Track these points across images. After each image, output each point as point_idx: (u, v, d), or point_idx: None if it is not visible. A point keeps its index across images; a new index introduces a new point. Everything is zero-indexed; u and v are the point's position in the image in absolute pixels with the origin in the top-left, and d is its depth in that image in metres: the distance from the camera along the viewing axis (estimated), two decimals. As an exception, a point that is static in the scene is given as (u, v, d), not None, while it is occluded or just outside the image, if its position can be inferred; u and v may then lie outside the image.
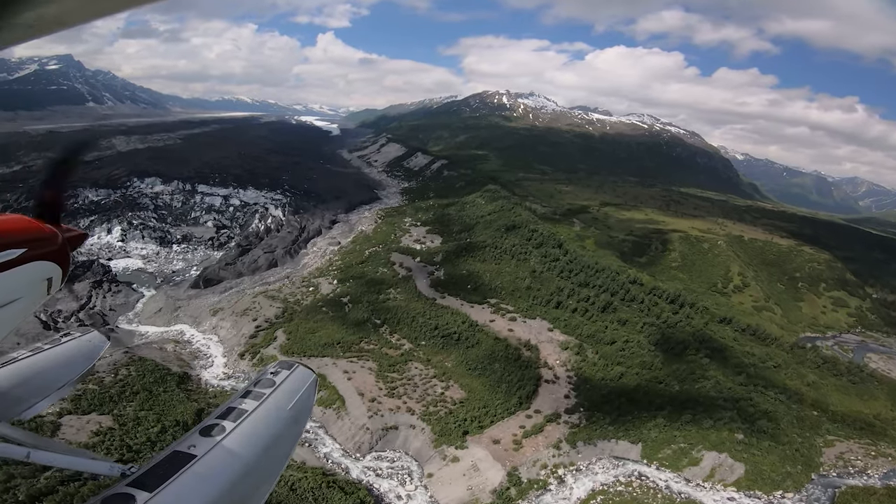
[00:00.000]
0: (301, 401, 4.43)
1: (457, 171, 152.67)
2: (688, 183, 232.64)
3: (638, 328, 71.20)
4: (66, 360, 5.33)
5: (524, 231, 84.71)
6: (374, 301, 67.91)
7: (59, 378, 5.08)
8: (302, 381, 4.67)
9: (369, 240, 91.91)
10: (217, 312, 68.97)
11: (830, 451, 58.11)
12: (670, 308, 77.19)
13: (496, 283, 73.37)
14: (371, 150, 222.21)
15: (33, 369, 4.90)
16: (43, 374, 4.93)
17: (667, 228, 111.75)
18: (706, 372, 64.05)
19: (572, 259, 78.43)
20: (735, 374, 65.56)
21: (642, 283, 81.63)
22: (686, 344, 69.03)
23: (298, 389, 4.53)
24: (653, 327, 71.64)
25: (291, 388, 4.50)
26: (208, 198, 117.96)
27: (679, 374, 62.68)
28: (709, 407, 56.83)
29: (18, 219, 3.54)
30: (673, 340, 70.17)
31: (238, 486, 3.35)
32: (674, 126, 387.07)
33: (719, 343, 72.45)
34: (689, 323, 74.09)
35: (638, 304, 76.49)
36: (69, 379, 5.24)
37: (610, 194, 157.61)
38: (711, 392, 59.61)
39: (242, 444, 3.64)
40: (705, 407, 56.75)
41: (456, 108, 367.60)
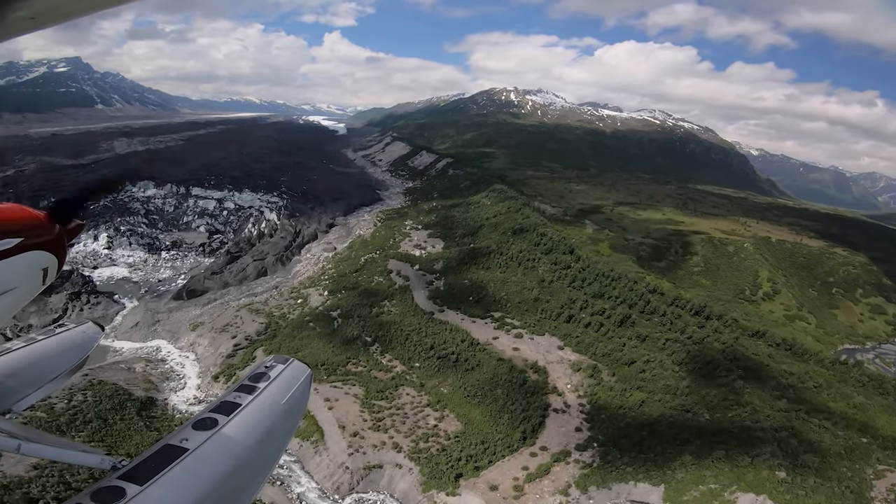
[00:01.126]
0: (295, 395, 4.31)
1: (462, 170, 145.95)
2: (703, 180, 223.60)
3: (660, 345, 64.00)
4: (60, 351, 5.20)
5: (532, 235, 77.76)
6: (366, 315, 61.74)
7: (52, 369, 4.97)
8: (296, 376, 4.53)
9: (366, 245, 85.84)
10: (197, 327, 63.52)
11: (881, 484, 50.39)
12: (695, 321, 69.70)
13: (501, 294, 66.70)
14: (376, 149, 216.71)
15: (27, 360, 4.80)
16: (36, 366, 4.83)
17: (687, 230, 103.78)
18: (740, 397, 56.64)
19: (585, 266, 71.33)
20: (774, 399, 57.98)
21: (663, 293, 74.23)
22: (716, 363, 61.60)
23: (293, 384, 4.39)
24: (677, 344, 64.33)
25: (286, 382, 4.36)
26: (202, 201, 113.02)
27: (709, 400, 55.38)
28: (745, 440, 49.51)
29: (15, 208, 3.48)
30: (700, 359, 62.76)
31: (231, 480, 3.27)
32: (687, 122, 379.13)
33: (753, 361, 64.79)
34: (718, 338, 66.53)
35: (659, 317, 69.18)
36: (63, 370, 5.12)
37: (623, 193, 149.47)
38: (747, 421, 52.21)
39: (236, 437, 3.56)
40: (741, 440, 49.42)
41: (463, 105, 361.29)
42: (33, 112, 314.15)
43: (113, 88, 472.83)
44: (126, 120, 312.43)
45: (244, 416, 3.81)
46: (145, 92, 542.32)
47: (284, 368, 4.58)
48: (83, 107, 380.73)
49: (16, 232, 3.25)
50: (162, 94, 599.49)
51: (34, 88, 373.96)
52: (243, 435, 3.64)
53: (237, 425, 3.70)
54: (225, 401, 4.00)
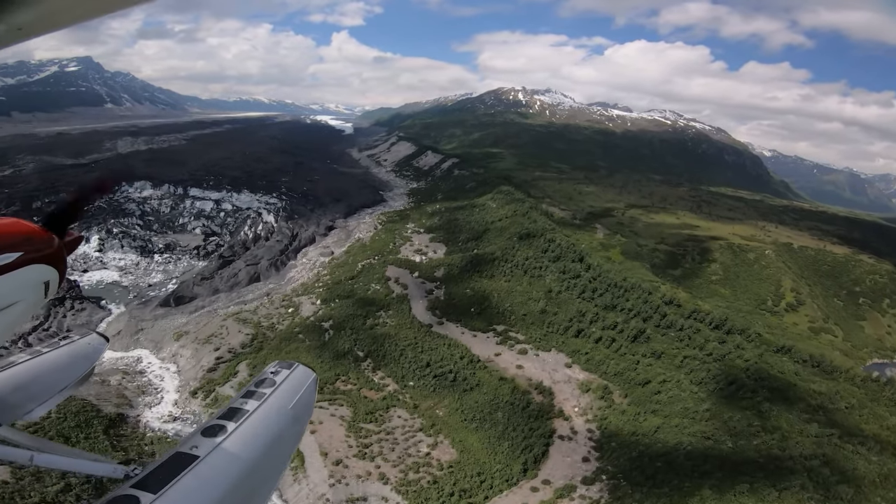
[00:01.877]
0: (302, 400, 4.30)
1: (468, 171, 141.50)
2: (716, 181, 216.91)
3: (677, 363, 59.27)
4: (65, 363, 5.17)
5: (540, 241, 73.13)
6: (359, 327, 57.74)
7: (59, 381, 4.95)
8: (302, 380, 4.51)
9: (365, 249, 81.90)
10: (181, 337, 60.05)
11: (919, 516, 45.77)
12: (716, 336, 64.63)
13: (505, 305, 62.32)
14: (381, 148, 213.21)
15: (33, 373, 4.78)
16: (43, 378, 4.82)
17: (704, 235, 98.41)
18: (767, 421, 51.67)
19: (596, 275, 66.61)
20: (803, 422, 52.80)
21: (680, 304, 69.16)
22: (739, 383, 56.63)
23: (299, 388, 4.38)
24: (695, 361, 59.51)
25: (292, 387, 4.36)
26: (199, 202, 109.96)
27: (732, 425, 50.51)
28: (772, 471, 44.65)
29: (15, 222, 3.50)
30: (722, 379, 57.81)
31: (241, 487, 3.28)
32: (698, 122, 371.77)
33: (780, 381, 59.58)
34: (741, 355, 61.41)
35: (676, 332, 64.35)
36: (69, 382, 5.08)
37: (635, 195, 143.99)
38: (775, 450, 47.26)
39: (244, 444, 3.55)
40: (767, 471, 44.57)
41: (470, 105, 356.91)
42: (43, 111, 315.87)
43: (123, 88, 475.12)
44: (134, 119, 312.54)
45: (252, 422, 3.77)
46: (155, 91, 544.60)
47: (290, 373, 4.51)
48: (93, 106, 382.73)
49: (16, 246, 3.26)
50: (172, 93, 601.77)
51: (45, 88, 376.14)
52: (252, 441, 3.60)
53: (245, 432, 3.65)
54: (232, 407, 3.92)
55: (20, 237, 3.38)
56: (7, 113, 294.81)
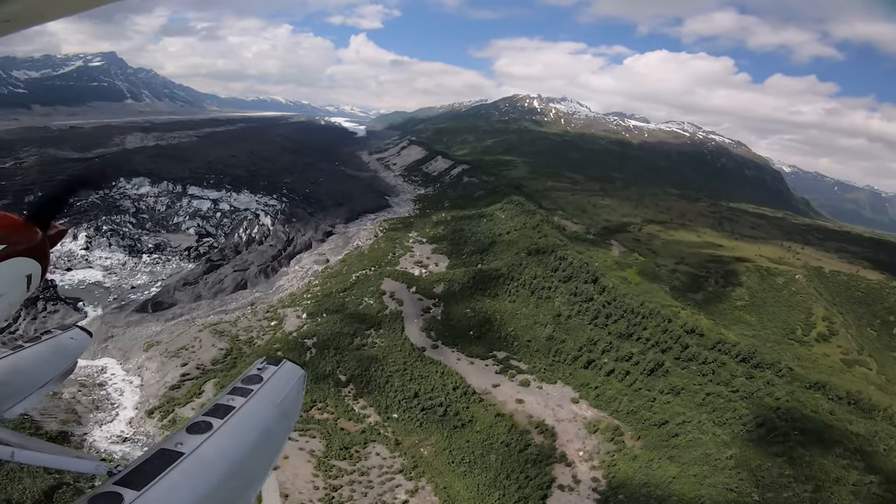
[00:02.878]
0: (289, 397, 4.24)
1: (478, 178, 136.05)
2: (736, 196, 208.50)
3: (699, 400, 52.77)
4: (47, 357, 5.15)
5: (550, 258, 66.98)
6: (345, 347, 52.29)
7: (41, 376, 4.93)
8: (290, 378, 4.43)
9: (362, 259, 76.63)
10: (150, 347, 55.28)
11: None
12: (743, 370, 57.87)
13: (508, 329, 56.40)
14: (391, 152, 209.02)
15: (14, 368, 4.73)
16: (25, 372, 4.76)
17: (728, 255, 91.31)
18: (799, 469, 45.06)
19: (611, 299, 60.30)
20: (841, 469, 46.11)
21: (703, 333, 62.46)
22: (769, 425, 49.94)
23: (286, 385, 4.31)
24: (720, 399, 52.94)
25: (279, 384, 4.28)
26: (196, 201, 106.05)
27: (761, 475, 44.00)
28: (809, 540, 38.27)
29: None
30: (749, 420, 51.10)
31: (226, 484, 3.22)
32: (717, 134, 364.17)
33: (814, 421, 52.66)
34: (771, 392, 54.57)
35: (698, 365, 57.79)
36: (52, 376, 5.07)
37: (652, 209, 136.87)
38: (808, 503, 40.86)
39: (231, 441, 3.49)
40: (803, 539, 38.22)
41: (484, 111, 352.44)
42: (64, 105, 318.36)
43: (144, 84, 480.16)
44: (151, 115, 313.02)
45: (238, 419, 3.71)
46: (175, 88, 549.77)
47: (277, 370, 4.41)
48: (113, 101, 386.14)
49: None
50: (192, 90, 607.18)
51: (68, 82, 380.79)
52: (238, 438, 3.55)
53: (232, 428, 3.59)
54: (218, 404, 3.85)
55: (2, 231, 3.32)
56: (28, 105, 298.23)
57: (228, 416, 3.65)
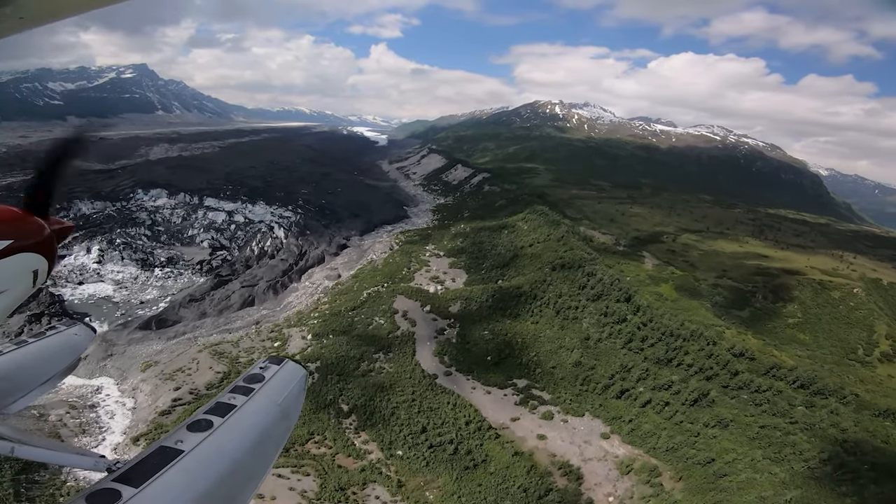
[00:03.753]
0: (291, 396, 4.22)
1: (499, 186, 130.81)
2: (773, 202, 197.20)
3: (751, 434, 46.21)
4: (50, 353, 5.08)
5: (577, 274, 61.13)
6: (350, 373, 47.79)
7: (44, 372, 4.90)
8: (292, 377, 4.40)
9: (375, 274, 72.36)
10: (148, 368, 52.16)
11: None
12: (802, 398, 50.76)
13: (530, 354, 50.88)
14: (411, 161, 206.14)
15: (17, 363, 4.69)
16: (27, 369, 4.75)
17: (775, 267, 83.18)
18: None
19: (647, 320, 54.04)
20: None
21: (753, 357, 55.50)
22: (835, 461, 43.08)
23: (288, 385, 4.28)
24: (776, 432, 46.25)
25: (281, 383, 4.26)
26: (212, 213, 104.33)
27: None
28: None
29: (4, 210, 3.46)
30: (812, 455, 44.39)
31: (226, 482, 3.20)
32: (750, 138, 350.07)
33: (888, 455, 45.32)
34: (836, 422, 47.36)
35: (749, 393, 51.00)
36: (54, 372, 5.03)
37: (686, 217, 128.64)
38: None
39: (231, 439, 3.45)
40: None
41: (506, 118, 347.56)
42: (98, 117, 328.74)
43: (174, 95, 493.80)
44: (180, 126, 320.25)
45: (239, 417, 3.67)
46: (204, 100, 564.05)
47: (279, 369, 4.40)
48: (145, 113, 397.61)
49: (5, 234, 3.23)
50: (220, 102, 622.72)
51: (101, 94, 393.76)
52: (239, 436, 3.51)
53: (232, 427, 3.55)
54: (219, 402, 3.82)
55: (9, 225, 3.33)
56: (63, 117, 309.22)
57: (229, 415, 3.59)
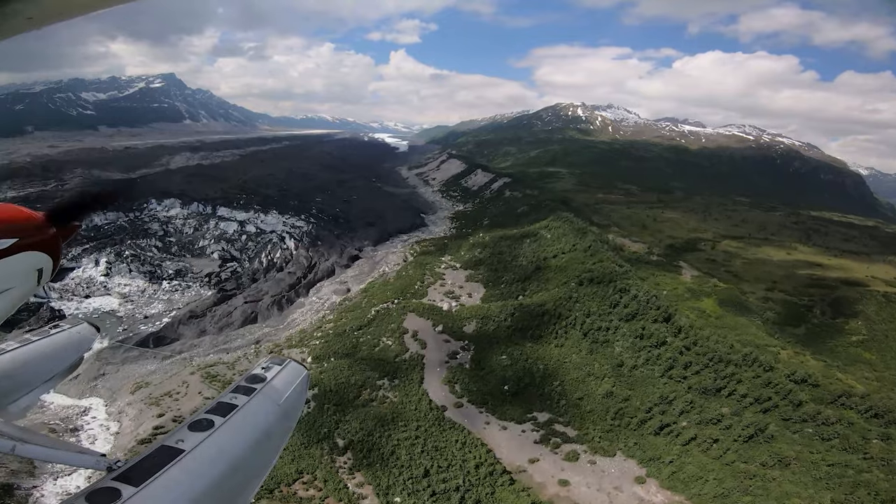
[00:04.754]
0: (292, 396, 4.24)
1: (521, 192, 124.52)
2: (814, 204, 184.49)
3: (818, 475, 39.08)
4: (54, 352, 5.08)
5: (608, 290, 54.40)
6: (349, 402, 42.72)
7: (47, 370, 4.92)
8: (293, 377, 4.42)
9: (386, 288, 67.41)
10: (139, 389, 48.63)
11: None
12: (877, 429, 43.06)
13: (553, 383, 44.73)
14: (431, 166, 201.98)
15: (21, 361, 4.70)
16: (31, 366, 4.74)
17: (831, 277, 74.33)
18: None
19: (691, 343, 47.06)
20: None
21: (817, 384, 47.81)
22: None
23: (290, 385, 4.30)
24: (849, 471, 38.91)
25: (282, 383, 4.28)
26: (223, 223, 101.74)
27: None
28: None
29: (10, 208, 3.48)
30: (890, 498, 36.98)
31: (227, 481, 3.23)
32: (786, 137, 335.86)
33: None
34: (918, 461, 39.75)
35: (815, 426, 43.63)
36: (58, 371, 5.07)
37: (724, 222, 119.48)
38: None
39: (232, 438, 3.48)
40: None
41: (527, 121, 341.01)
42: (127, 126, 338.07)
43: (201, 105, 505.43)
44: (205, 135, 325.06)
45: (240, 417, 3.70)
46: (230, 109, 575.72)
47: (281, 369, 4.42)
48: (173, 122, 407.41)
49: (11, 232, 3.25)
50: (245, 110, 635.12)
51: (131, 103, 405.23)
52: (240, 436, 3.54)
53: (233, 427, 3.57)
54: (221, 402, 3.85)
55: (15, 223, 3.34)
56: (94, 127, 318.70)
57: (230, 415, 3.60)
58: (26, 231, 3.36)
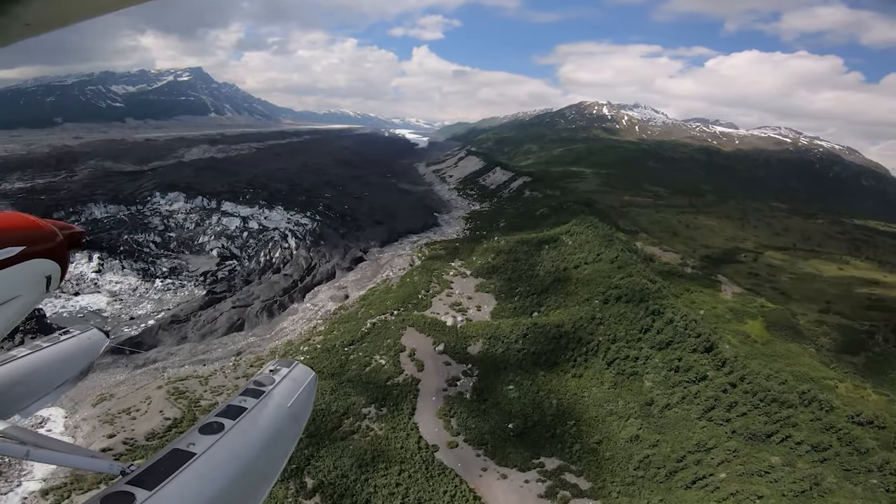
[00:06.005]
0: (301, 398, 4.23)
1: (541, 192, 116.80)
2: (858, 212, 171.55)
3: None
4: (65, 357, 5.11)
5: (638, 311, 46.77)
6: (325, 435, 36.63)
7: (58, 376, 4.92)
8: (301, 379, 4.42)
9: (387, 296, 61.26)
10: (101, 402, 43.52)
11: None
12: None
13: (567, 423, 37.72)
14: (448, 163, 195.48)
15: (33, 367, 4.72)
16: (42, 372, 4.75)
17: (892, 297, 64.87)
18: None
19: (737, 380, 39.28)
20: None
21: (883, 426, 39.69)
22: None
23: (298, 387, 4.30)
24: None
25: (291, 385, 4.28)
26: (226, 219, 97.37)
27: None
28: None
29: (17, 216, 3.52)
30: None
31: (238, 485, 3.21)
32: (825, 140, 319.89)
33: None
34: None
35: (881, 476, 35.72)
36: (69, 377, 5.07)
37: (764, 230, 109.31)
38: None
39: (242, 442, 3.46)
40: None
41: (550, 119, 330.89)
42: (154, 119, 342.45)
43: (227, 98, 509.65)
44: (228, 128, 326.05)
45: (250, 420, 3.70)
46: (254, 103, 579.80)
47: (289, 372, 4.44)
48: (199, 115, 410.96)
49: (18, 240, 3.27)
50: (269, 105, 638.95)
51: (159, 96, 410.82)
52: (250, 439, 3.53)
53: (243, 429, 3.56)
54: (231, 405, 3.83)
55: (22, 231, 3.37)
56: (122, 119, 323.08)
57: (240, 418, 3.61)
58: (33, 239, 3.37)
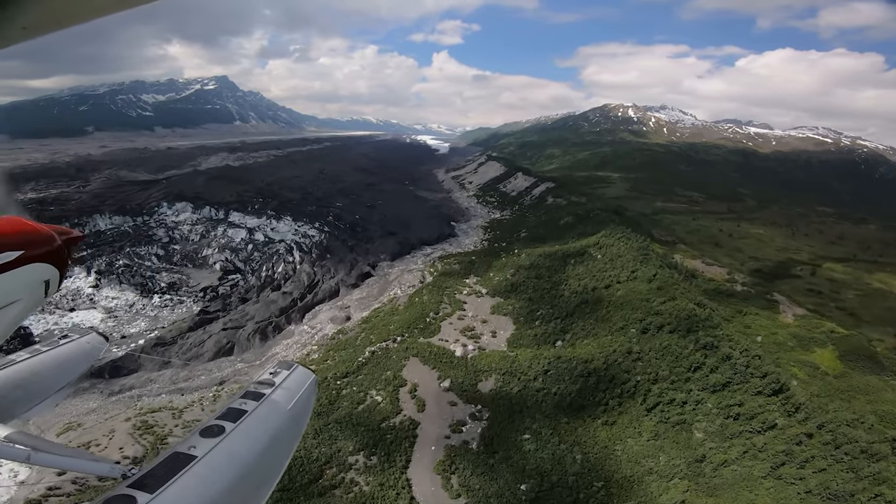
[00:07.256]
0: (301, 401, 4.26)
1: (566, 198, 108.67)
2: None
3: None
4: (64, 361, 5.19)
5: (686, 344, 38.74)
6: (303, 487, 30.15)
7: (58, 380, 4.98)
8: (301, 381, 4.46)
9: (392, 319, 54.70)
10: (68, 431, 38.75)
11: None
12: None
13: (595, 484, 30.08)
14: (468, 169, 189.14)
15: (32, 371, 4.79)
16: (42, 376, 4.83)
17: None
18: None
19: (813, 429, 31.12)
20: None
21: None
22: None
23: (298, 389, 4.33)
24: None
25: (291, 388, 4.30)
26: (232, 230, 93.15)
27: None
28: None
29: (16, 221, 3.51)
30: None
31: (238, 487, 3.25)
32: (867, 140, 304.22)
33: None
34: None
35: None
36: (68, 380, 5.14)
37: (817, 238, 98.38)
38: None
39: (243, 444, 3.52)
40: None
41: (573, 123, 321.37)
42: (181, 127, 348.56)
43: (251, 106, 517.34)
44: (250, 136, 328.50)
45: (250, 422, 3.73)
46: (278, 110, 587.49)
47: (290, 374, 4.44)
48: (224, 123, 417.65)
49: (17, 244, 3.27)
50: (293, 112, 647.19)
51: (187, 105, 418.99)
52: (250, 442, 3.57)
53: (244, 432, 3.61)
54: (231, 408, 3.87)
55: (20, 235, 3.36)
56: (151, 128, 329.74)
57: (241, 420, 3.61)
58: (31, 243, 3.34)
